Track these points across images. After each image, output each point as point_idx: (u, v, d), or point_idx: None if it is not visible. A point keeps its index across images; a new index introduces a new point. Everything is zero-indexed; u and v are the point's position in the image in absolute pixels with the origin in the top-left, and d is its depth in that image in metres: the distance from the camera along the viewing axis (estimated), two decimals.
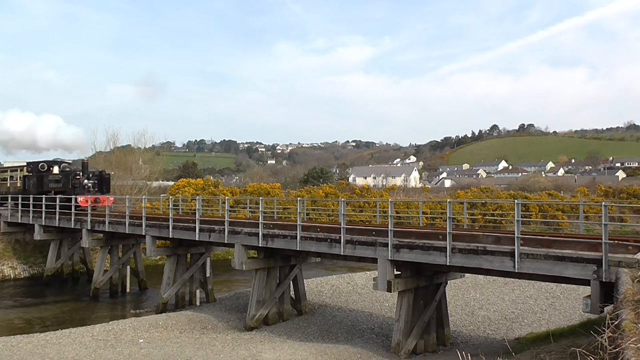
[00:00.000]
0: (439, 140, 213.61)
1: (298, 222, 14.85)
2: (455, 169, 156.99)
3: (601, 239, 9.51)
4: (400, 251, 12.53)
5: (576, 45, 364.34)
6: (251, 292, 16.99)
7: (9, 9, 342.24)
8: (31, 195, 27.05)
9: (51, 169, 29.43)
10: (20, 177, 31.36)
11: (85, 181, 26.93)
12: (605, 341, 5.99)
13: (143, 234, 20.07)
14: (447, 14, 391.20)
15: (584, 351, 6.12)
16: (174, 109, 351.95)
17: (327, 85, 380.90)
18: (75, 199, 24.62)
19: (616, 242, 10.15)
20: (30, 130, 33.84)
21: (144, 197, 25.06)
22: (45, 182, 28.53)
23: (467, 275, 17.34)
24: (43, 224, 26.27)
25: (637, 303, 6.82)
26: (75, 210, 24.14)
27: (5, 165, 42.20)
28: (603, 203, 9.79)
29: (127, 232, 21.14)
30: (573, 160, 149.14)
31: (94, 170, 28.69)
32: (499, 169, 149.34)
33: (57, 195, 25.51)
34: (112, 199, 26.00)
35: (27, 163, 30.62)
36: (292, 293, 18.26)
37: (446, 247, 11.59)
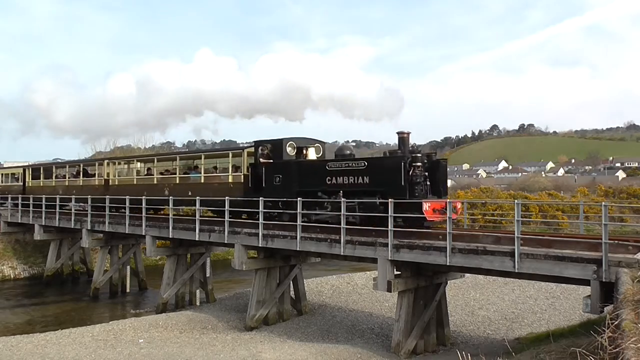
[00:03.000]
0: (439, 140, 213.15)
1: (298, 222, 14.82)
2: (455, 169, 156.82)
3: (601, 239, 9.50)
4: (400, 251, 12.53)
5: (576, 45, 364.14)
6: (251, 292, 16.99)
7: (9, 9, 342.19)
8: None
9: (304, 152, 17.79)
10: (241, 168, 19.10)
11: (418, 172, 14.24)
12: (605, 341, 6.00)
13: (143, 234, 20.06)
14: (447, 14, 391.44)
15: (584, 351, 6.13)
16: None
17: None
18: (420, 206, 13.49)
19: (616, 242, 10.16)
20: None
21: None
22: (317, 174, 16.28)
23: (467, 275, 17.32)
24: (43, 224, 26.26)
25: (637, 303, 6.82)
26: (419, 229, 13.55)
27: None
28: (603, 203, 9.79)
29: (127, 232, 21.12)
30: (573, 160, 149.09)
31: (421, 154, 14.73)
32: (499, 169, 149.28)
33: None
34: (459, 205, 15.73)
35: (256, 142, 18.44)
36: (292, 293, 18.26)
37: (446, 247, 11.59)
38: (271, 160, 17.79)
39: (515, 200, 10.90)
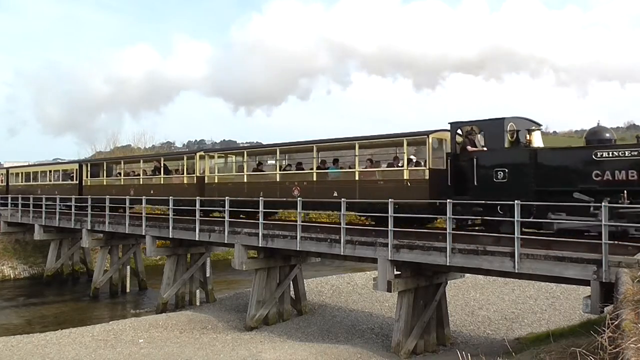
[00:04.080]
0: None
1: (298, 222, 14.82)
2: None
3: (601, 240, 9.50)
4: (400, 251, 12.53)
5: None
6: (251, 292, 16.99)
7: (8, 8, 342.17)
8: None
9: (527, 137, 12.76)
10: (424, 160, 14.58)
11: None
12: (605, 341, 6.00)
13: (143, 234, 20.06)
14: None
15: (584, 351, 6.14)
16: (174, 108, 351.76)
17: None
18: None
19: (616, 242, 10.13)
20: None
21: None
22: (574, 167, 11.77)
23: (467, 275, 17.32)
24: (43, 223, 26.25)
25: (637, 303, 6.82)
26: None
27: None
28: (603, 203, 9.75)
29: (127, 232, 21.12)
30: None
31: None
32: None
33: None
34: None
35: (454, 124, 13.67)
36: (292, 293, 18.26)
37: (446, 248, 11.59)
38: (485, 149, 13.16)
39: (515, 202, 10.86)
